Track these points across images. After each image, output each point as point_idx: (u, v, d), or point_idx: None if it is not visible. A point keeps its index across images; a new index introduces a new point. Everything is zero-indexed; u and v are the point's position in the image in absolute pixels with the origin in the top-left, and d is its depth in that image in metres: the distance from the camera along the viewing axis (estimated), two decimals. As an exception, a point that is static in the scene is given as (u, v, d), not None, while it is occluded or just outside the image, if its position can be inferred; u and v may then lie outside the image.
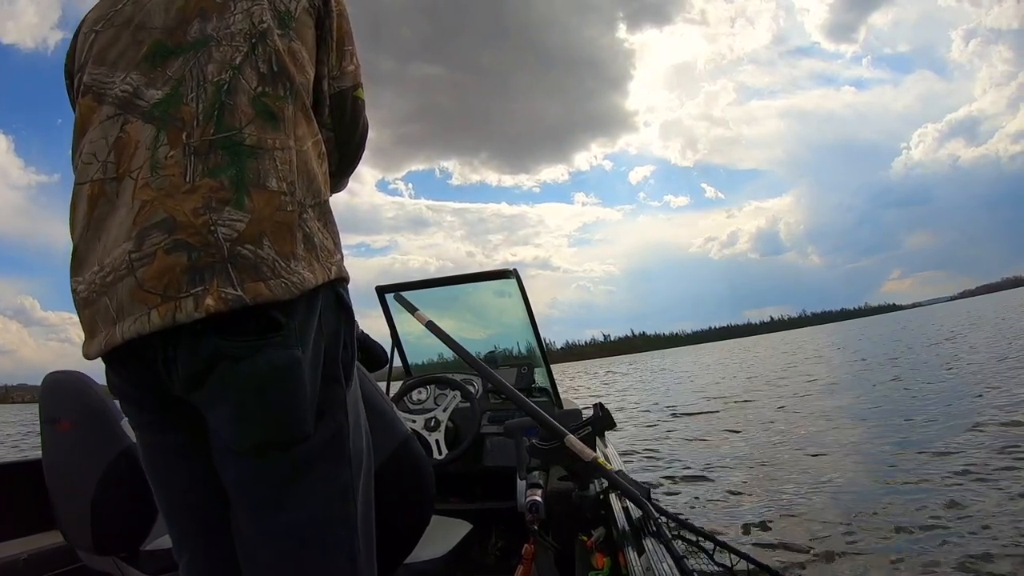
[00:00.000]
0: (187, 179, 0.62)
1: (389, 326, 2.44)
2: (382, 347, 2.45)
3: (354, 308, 0.77)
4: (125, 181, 0.65)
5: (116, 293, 0.62)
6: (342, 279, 0.72)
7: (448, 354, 2.60)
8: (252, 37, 0.70)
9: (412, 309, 1.59)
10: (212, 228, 0.60)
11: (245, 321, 0.62)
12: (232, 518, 0.70)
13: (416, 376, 2.33)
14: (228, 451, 0.67)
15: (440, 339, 1.48)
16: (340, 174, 0.90)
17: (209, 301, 0.59)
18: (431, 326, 1.49)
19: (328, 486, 0.68)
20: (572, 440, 1.25)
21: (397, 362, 2.52)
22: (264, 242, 0.62)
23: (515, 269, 2.16)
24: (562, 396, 2.21)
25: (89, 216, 0.66)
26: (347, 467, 0.70)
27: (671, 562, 0.95)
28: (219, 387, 0.64)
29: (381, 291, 2.34)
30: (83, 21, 0.79)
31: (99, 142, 0.68)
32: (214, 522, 0.72)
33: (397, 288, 2.20)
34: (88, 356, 0.66)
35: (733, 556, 1.13)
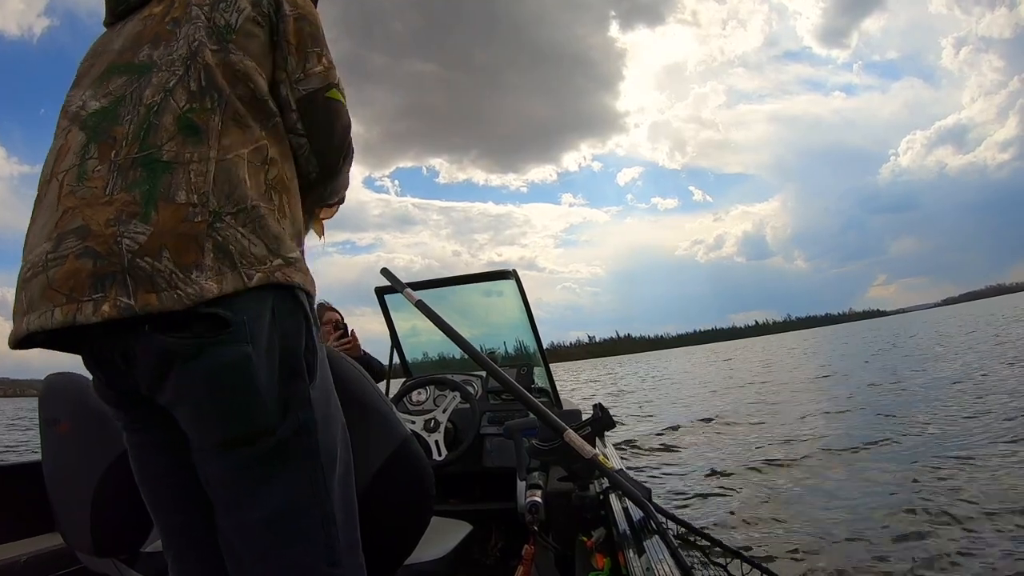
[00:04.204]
0: (107, 192, 0.68)
1: (388, 326, 2.44)
2: (381, 363, 2.46)
3: (343, 305, 0.79)
4: (52, 183, 0.71)
5: (30, 288, 0.67)
6: (289, 284, 0.72)
7: (447, 353, 2.60)
8: (187, 59, 0.75)
9: (402, 287, 1.55)
10: (118, 239, 0.65)
11: (192, 320, 0.65)
12: (214, 514, 0.73)
13: (416, 377, 2.33)
14: (199, 449, 0.71)
15: (431, 321, 1.43)
16: (324, 180, 0.88)
17: (106, 307, 0.63)
18: (422, 306, 1.45)
19: (298, 480, 0.71)
20: (572, 436, 1.25)
21: (397, 362, 2.53)
22: (163, 254, 0.65)
23: (514, 270, 2.16)
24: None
25: (32, 215, 0.73)
26: (316, 461, 0.72)
27: (671, 563, 0.94)
28: (177, 387, 0.67)
29: (380, 292, 2.34)
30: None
31: (51, 151, 0.75)
32: (198, 519, 0.75)
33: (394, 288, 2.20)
34: (9, 345, 0.71)
35: (733, 557, 1.14)
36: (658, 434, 7.10)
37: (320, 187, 0.89)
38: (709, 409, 9.14)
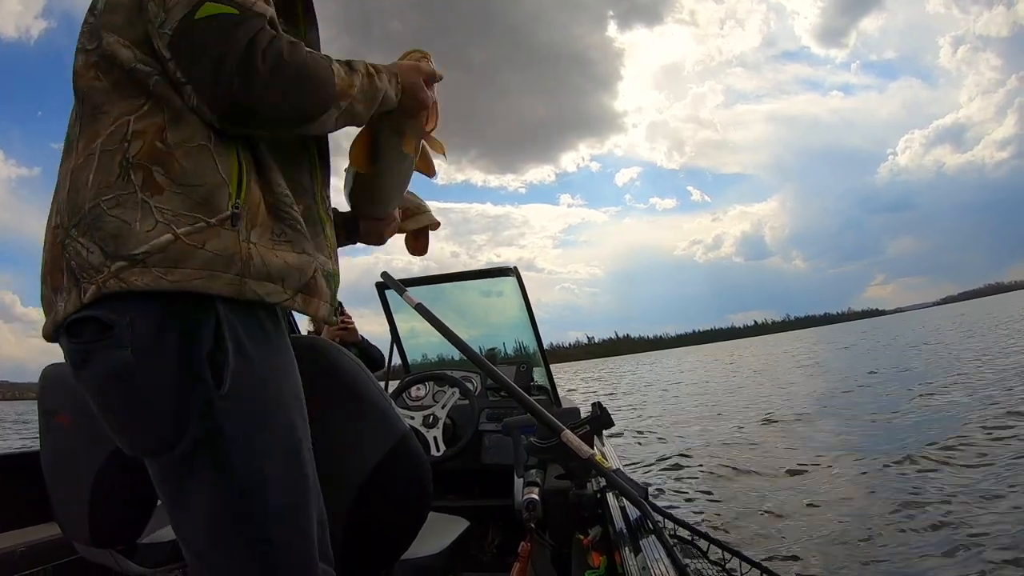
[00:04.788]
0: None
1: (389, 322, 2.44)
2: (380, 351, 2.46)
3: (344, 304, 0.78)
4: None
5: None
6: (125, 292, 0.62)
7: (447, 355, 2.60)
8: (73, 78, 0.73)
9: (401, 290, 1.54)
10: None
11: (82, 325, 0.64)
12: None
13: (415, 373, 2.33)
14: None
15: (431, 324, 1.41)
16: (235, 117, 0.66)
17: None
18: (421, 309, 1.45)
19: (211, 493, 0.65)
20: (569, 436, 1.25)
21: (396, 359, 2.52)
22: (45, 280, 0.69)
23: (515, 267, 2.16)
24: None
25: None
26: (225, 474, 0.64)
27: (667, 561, 0.94)
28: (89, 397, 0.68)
29: (381, 287, 2.34)
30: None
31: None
32: None
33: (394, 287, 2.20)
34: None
35: (730, 556, 1.14)
36: (659, 437, 7.11)
37: (251, 127, 0.69)
38: (711, 410, 9.14)
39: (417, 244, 1.15)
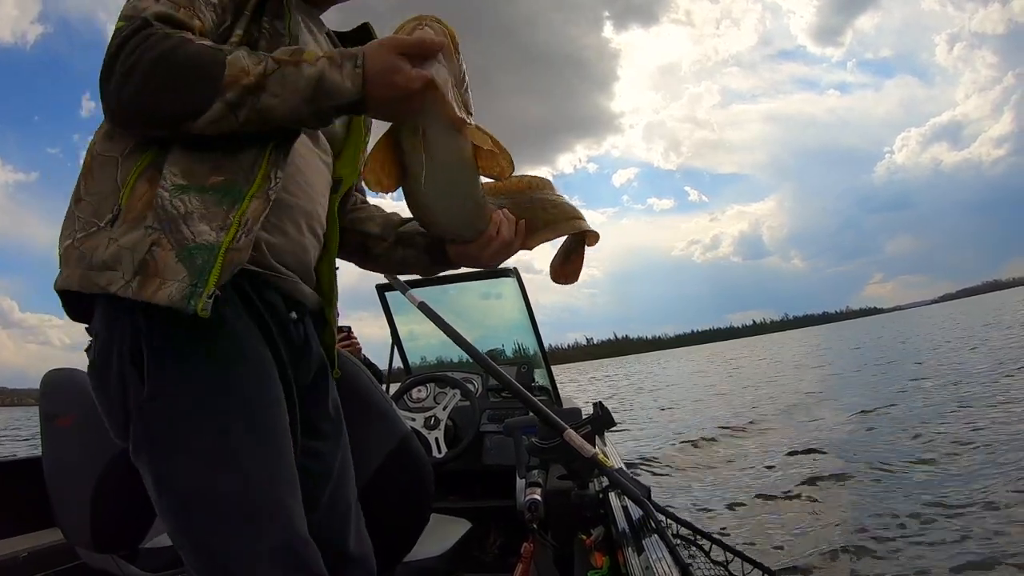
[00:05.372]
0: None
1: (389, 324, 2.44)
2: (379, 369, 2.46)
3: (341, 308, 0.74)
4: None
5: None
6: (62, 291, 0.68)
7: (446, 357, 2.61)
8: None
9: (404, 289, 1.54)
10: None
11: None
12: None
13: (416, 374, 2.33)
14: None
15: (434, 323, 1.42)
16: (108, 116, 0.68)
17: None
18: (424, 308, 1.45)
19: (153, 492, 0.66)
20: (572, 435, 1.25)
21: (397, 361, 2.53)
22: None
23: (515, 268, 2.16)
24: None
25: None
26: (159, 476, 0.65)
27: (670, 561, 0.94)
28: None
29: (381, 289, 2.34)
30: None
31: None
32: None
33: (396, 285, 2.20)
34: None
35: (732, 556, 1.14)
36: (660, 435, 7.11)
37: (132, 128, 0.69)
38: (709, 406, 9.14)
39: (564, 268, 0.90)
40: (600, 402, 1.42)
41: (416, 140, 0.70)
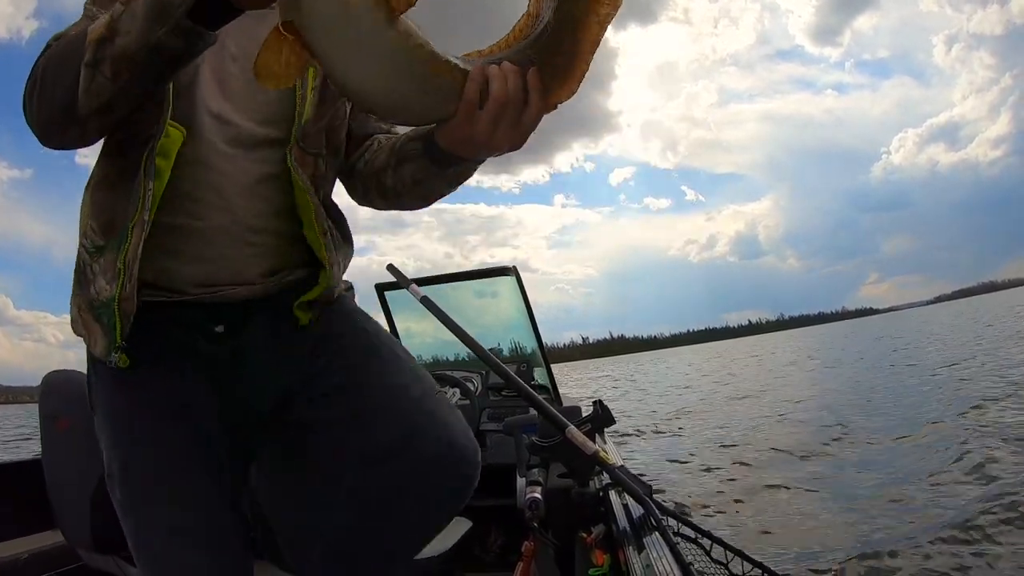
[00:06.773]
0: None
1: (388, 324, 2.44)
2: None
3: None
4: None
5: None
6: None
7: (442, 356, 2.60)
8: None
9: (407, 283, 1.52)
10: None
11: None
12: None
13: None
14: None
15: (437, 317, 1.41)
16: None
17: None
18: (427, 302, 1.43)
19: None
20: (574, 432, 1.25)
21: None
22: None
23: (515, 267, 2.15)
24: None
25: None
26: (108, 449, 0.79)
27: (671, 559, 0.94)
28: None
29: (381, 289, 2.34)
30: None
31: None
32: None
33: (395, 285, 2.19)
34: None
35: (733, 555, 1.13)
36: (660, 435, 7.11)
37: (52, 144, 0.71)
38: (709, 407, 9.14)
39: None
40: (599, 400, 1.42)
41: (299, 6, 0.52)
